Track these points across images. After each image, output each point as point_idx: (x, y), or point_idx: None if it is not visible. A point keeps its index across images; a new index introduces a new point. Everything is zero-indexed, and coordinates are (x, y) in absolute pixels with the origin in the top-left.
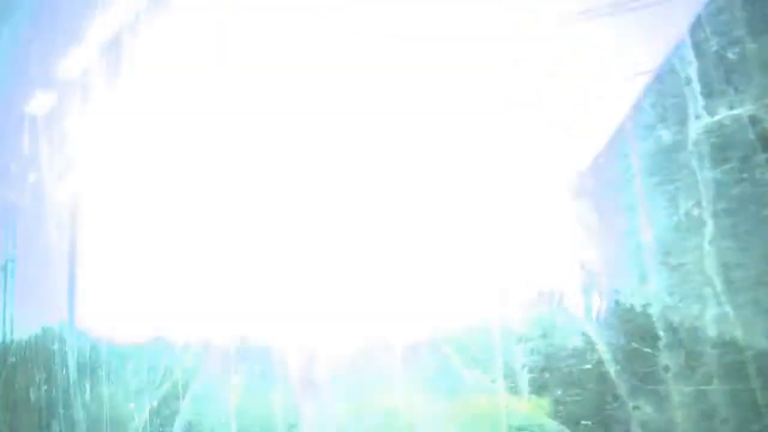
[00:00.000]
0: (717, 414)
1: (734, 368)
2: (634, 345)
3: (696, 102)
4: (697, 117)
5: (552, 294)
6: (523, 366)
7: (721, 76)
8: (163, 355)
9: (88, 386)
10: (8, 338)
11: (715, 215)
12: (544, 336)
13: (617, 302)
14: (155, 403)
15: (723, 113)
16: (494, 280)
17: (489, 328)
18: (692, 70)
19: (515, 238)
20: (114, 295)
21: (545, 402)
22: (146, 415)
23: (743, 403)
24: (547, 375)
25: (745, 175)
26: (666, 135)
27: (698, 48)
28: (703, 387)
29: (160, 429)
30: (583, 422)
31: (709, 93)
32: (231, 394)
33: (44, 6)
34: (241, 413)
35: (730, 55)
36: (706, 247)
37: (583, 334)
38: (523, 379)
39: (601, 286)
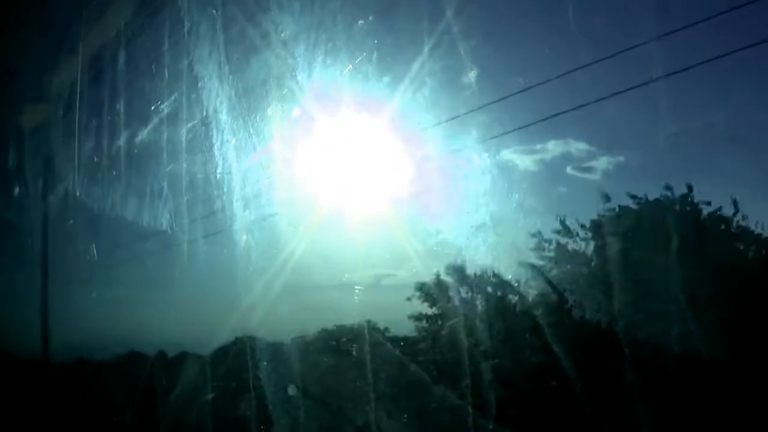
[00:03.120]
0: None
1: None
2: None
3: None
4: None
5: (517, 310)
6: (490, 382)
7: None
8: None
9: None
10: None
11: None
12: (511, 352)
13: (583, 319)
14: None
15: None
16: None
17: (457, 344)
18: None
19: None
20: None
21: (512, 418)
22: None
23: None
24: (513, 391)
25: None
26: None
27: None
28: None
29: None
30: None
31: None
32: None
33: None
34: None
35: None
36: None
37: (550, 351)
38: (490, 395)
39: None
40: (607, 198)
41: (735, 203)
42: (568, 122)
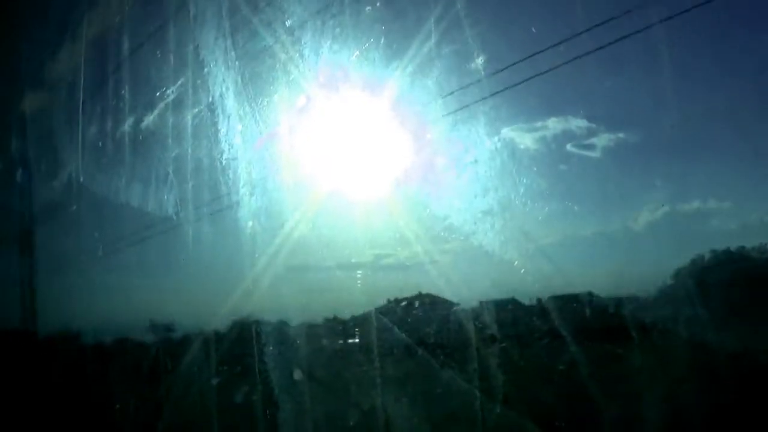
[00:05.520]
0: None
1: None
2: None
3: None
4: None
5: (525, 293)
6: (498, 366)
7: None
8: None
9: None
10: None
11: None
12: (519, 336)
13: (591, 303)
14: None
15: None
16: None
17: (464, 328)
18: None
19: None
20: None
21: (520, 402)
22: None
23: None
24: (521, 375)
25: None
26: None
27: None
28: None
29: None
30: (557, 423)
31: None
32: None
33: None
34: None
35: None
36: None
37: (557, 335)
38: (497, 379)
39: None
40: None
41: None
42: (568, 99)
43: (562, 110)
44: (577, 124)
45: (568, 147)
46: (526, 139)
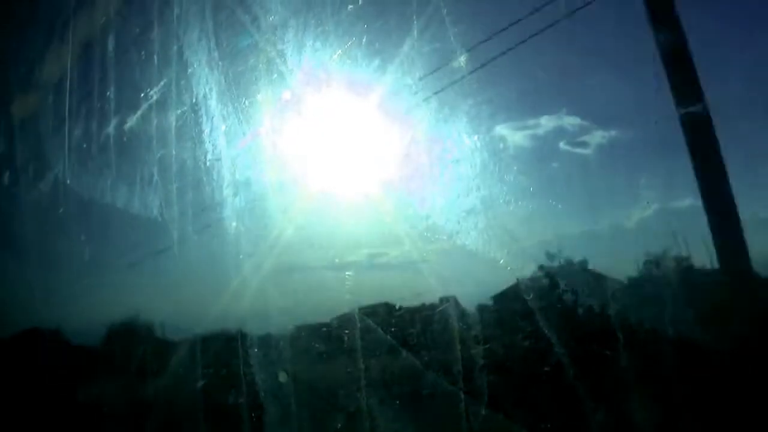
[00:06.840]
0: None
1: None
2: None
3: None
4: None
5: (510, 295)
6: (482, 368)
7: None
8: None
9: None
10: None
11: None
12: (503, 338)
13: (576, 303)
14: None
15: None
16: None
17: (448, 329)
18: None
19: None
20: None
21: (504, 404)
22: None
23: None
24: (505, 377)
25: None
26: None
27: None
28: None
29: None
30: (542, 425)
31: None
32: None
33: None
34: None
35: None
36: None
37: (542, 335)
38: (482, 381)
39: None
40: None
41: None
42: (561, 96)
43: (555, 108)
44: (570, 121)
45: (561, 145)
46: (518, 137)
